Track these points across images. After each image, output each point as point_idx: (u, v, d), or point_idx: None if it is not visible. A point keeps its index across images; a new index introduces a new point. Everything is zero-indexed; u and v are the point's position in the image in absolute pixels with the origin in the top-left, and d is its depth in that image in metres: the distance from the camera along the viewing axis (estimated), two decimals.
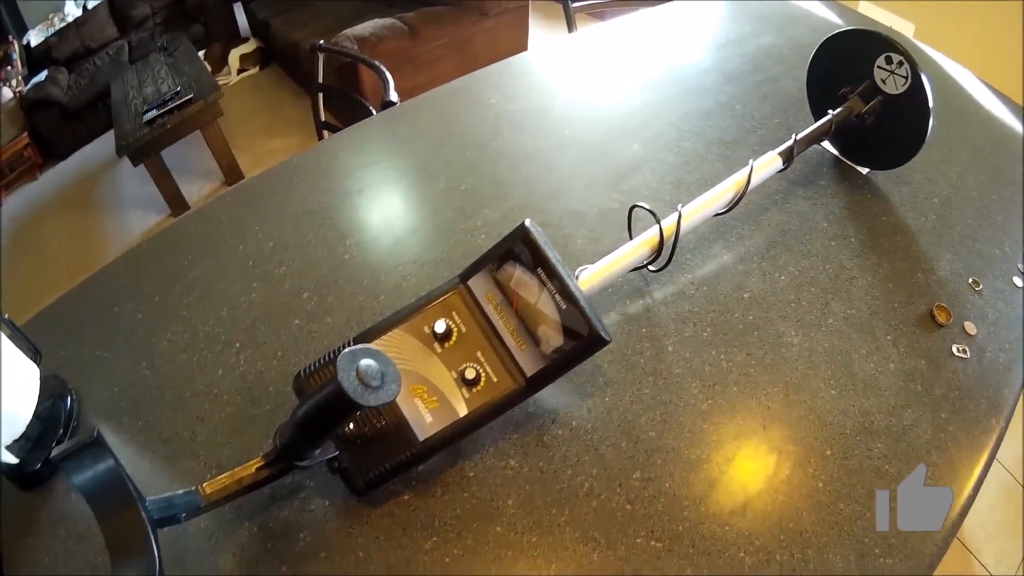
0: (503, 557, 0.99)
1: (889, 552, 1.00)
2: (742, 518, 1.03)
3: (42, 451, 1.14)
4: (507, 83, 1.98)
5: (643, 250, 1.23)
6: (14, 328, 1.20)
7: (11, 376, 1.13)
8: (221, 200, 1.59)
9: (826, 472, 1.08)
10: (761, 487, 1.07)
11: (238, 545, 1.02)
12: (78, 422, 1.20)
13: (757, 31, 2.12)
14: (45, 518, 1.09)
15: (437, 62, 5.06)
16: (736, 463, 1.10)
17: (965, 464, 1.11)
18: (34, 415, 1.15)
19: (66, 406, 1.21)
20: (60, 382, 1.24)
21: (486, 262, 1.08)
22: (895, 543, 1.01)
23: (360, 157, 1.70)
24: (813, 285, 1.35)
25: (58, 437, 1.17)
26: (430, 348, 1.05)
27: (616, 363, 1.21)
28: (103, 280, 1.44)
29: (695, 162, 1.61)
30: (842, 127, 1.52)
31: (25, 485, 1.13)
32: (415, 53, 4.93)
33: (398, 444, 1.00)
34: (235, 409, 1.19)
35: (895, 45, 1.41)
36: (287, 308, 1.33)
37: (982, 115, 1.89)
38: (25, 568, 1.04)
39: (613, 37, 2.21)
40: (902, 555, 1.00)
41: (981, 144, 1.75)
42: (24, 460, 1.12)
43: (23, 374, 1.16)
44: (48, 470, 1.14)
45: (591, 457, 1.09)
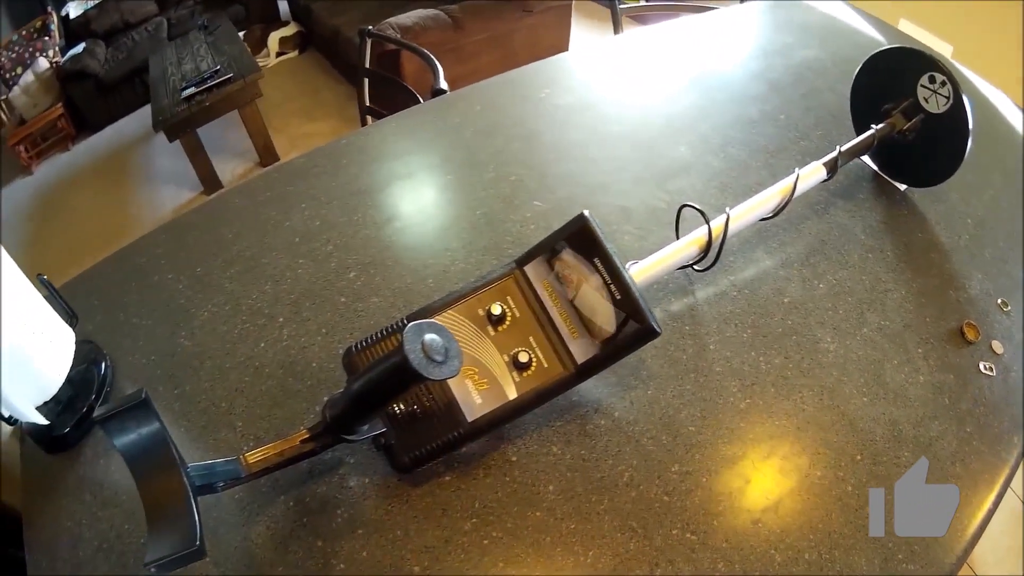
0: (542, 542, 1.00)
1: (912, 558, 1.02)
2: (774, 515, 1.05)
3: (72, 415, 1.15)
4: (558, 78, 2.00)
5: (691, 249, 1.24)
6: (51, 289, 1.22)
7: (44, 337, 1.15)
8: (267, 176, 1.60)
9: (855, 476, 1.09)
10: (793, 486, 1.08)
11: (272, 519, 1.03)
12: (111, 388, 1.22)
13: (801, 43, 2.13)
14: (71, 482, 1.10)
15: (478, 55, 5.06)
16: (770, 462, 1.11)
17: (986, 478, 1.13)
18: (66, 379, 1.17)
19: (100, 372, 1.22)
20: (95, 347, 1.26)
21: (543, 249, 1.10)
22: (918, 550, 1.03)
23: (409, 142, 1.71)
24: (850, 295, 1.36)
25: (89, 403, 1.18)
26: (483, 331, 1.07)
27: (659, 358, 1.23)
28: (143, 248, 1.46)
29: (740, 168, 1.62)
30: (883, 143, 1.52)
31: (52, 448, 1.15)
32: (457, 45, 4.93)
33: (446, 424, 1.01)
34: (276, 383, 1.20)
35: (940, 65, 1.42)
36: (333, 286, 1.34)
37: (1016, 139, 1.89)
38: (46, 531, 1.06)
39: (659, 40, 2.22)
40: (923, 562, 1.02)
41: (1014, 168, 1.76)
42: (53, 423, 1.14)
43: (57, 336, 1.18)
44: (77, 434, 1.15)
45: (632, 448, 1.10)
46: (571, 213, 1.10)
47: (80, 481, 1.10)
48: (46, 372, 1.13)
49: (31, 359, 1.10)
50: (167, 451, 0.87)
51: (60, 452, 1.15)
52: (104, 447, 1.14)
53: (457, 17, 4.91)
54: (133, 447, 0.86)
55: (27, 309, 1.13)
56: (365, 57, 2.74)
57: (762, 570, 0.99)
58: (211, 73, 5.20)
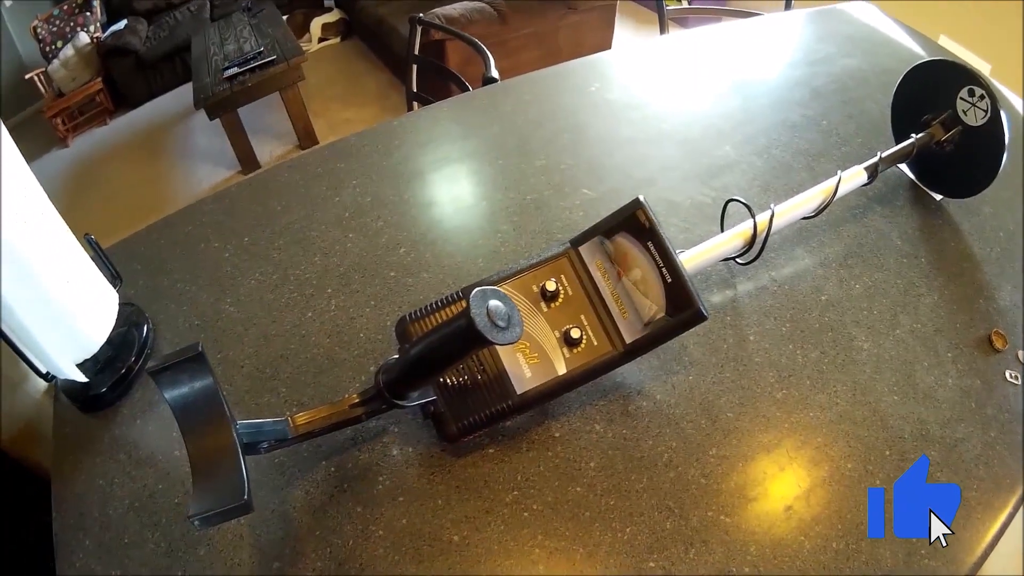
0: (581, 516, 1.03)
1: (934, 555, 1.04)
2: (805, 503, 1.07)
3: (110, 375, 1.18)
4: (607, 74, 2.03)
5: (736, 241, 1.27)
6: (98, 249, 1.25)
7: (88, 296, 1.18)
8: (317, 153, 1.63)
9: (884, 471, 1.12)
10: (825, 476, 1.11)
11: (312, 483, 1.07)
12: (152, 350, 1.25)
13: (844, 52, 2.15)
14: (105, 441, 1.13)
15: (521, 50, 5.10)
16: (804, 451, 1.14)
17: (1008, 483, 1.14)
18: (107, 339, 1.20)
19: (142, 334, 1.25)
20: (137, 310, 1.29)
21: (598, 231, 1.13)
22: (940, 548, 1.05)
23: (461, 128, 1.75)
24: (885, 297, 1.38)
25: (128, 364, 1.21)
26: (536, 307, 1.10)
27: (701, 346, 1.26)
28: (190, 217, 1.49)
29: (782, 169, 1.65)
30: (922, 152, 1.54)
31: (87, 407, 1.18)
32: (501, 39, 4.95)
33: (496, 395, 1.04)
34: (322, 351, 1.23)
35: (979, 79, 1.44)
36: (383, 260, 1.37)
37: None
38: (76, 488, 1.09)
39: (704, 44, 2.25)
40: (945, 559, 1.04)
41: None
42: (91, 381, 1.17)
43: (101, 296, 1.21)
44: (114, 395, 1.18)
45: (671, 430, 1.13)
46: (619, 203, 1.13)
47: (114, 440, 1.13)
48: (87, 331, 1.16)
49: (74, 316, 1.14)
50: (219, 406, 0.89)
51: (96, 411, 1.18)
52: (141, 408, 1.18)
53: (503, 11, 4.95)
54: (184, 400, 0.88)
55: (72, 267, 1.15)
56: (415, 43, 2.77)
57: (792, 555, 1.02)
58: (255, 54, 5.23)
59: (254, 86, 5.03)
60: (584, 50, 2.28)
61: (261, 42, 5.52)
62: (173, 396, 0.88)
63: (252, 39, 5.64)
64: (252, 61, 5.12)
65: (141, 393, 1.20)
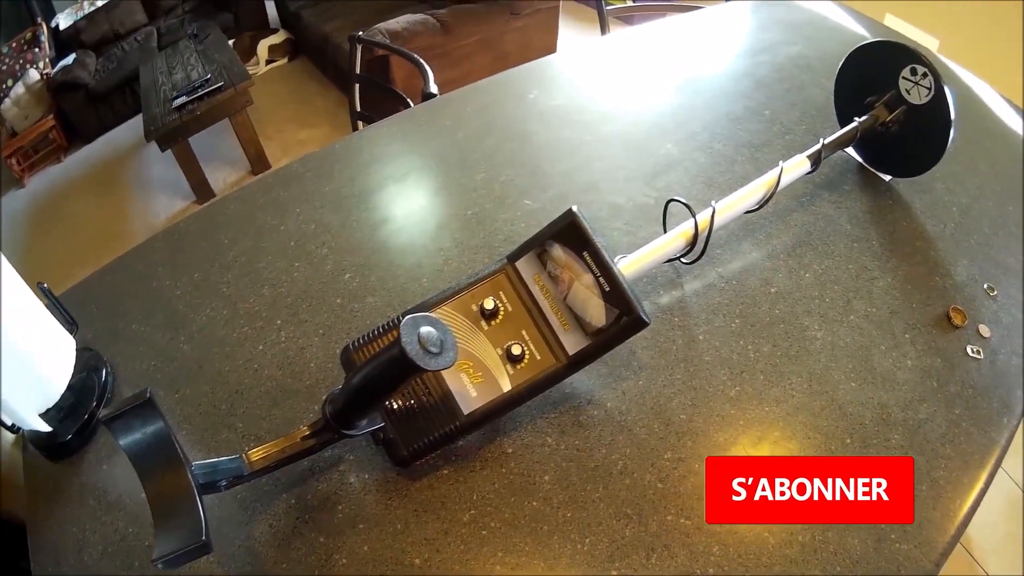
0: (539, 531, 1.03)
1: (904, 538, 1.04)
2: None
3: (74, 421, 1.17)
4: (546, 79, 2.02)
5: (678, 242, 1.27)
6: (51, 297, 1.24)
7: (46, 345, 1.16)
8: (262, 182, 1.62)
9: None
10: None
11: (274, 516, 1.06)
12: (112, 394, 1.24)
13: (787, 40, 2.15)
14: (74, 488, 1.12)
15: (468, 59, 5.08)
16: (761, 447, 1.13)
17: (976, 459, 1.15)
18: (67, 386, 1.19)
19: (101, 378, 1.24)
20: (95, 354, 1.27)
21: (534, 244, 1.12)
22: (910, 530, 1.05)
23: (401, 146, 1.73)
24: (836, 283, 1.38)
25: (90, 409, 1.19)
26: (477, 325, 1.09)
27: (650, 349, 1.25)
28: (141, 256, 1.48)
29: (726, 163, 1.65)
30: (867, 135, 1.55)
31: (55, 455, 1.16)
32: (446, 49, 4.95)
33: (443, 417, 1.03)
34: (275, 383, 1.22)
35: (921, 57, 1.44)
36: (329, 287, 1.36)
37: (1002, 130, 1.92)
38: (51, 536, 1.08)
39: (646, 40, 2.24)
40: (917, 542, 1.04)
41: (1000, 158, 1.78)
42: (56, 430, 1.15)
43: (58, 344, 1.20)
44: (79, 441, 1.17)
45: (624, 437, 1.13)
46: (561, 211, 1.12)
47: (83, 487, 1.12)
48: (48, 380, 1.15)
49: (33, 367, 1.12)
50: (172, 449, 0.89)
51: (63, 459, 1.17)
52: (106, 452, 1.16)
53: (446, 21, 4.94)
54: (138, 446, 0.88)
55: (28, 317, 1.14)
56: (356, 63, 2.75)
57: (756, 552, 1.01)
58: (202, 82, 5.19)
59: (203, 114, 5.00)
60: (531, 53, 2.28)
61: (208, 69, 5.47)
62: (127, 443, 0.88)
63: (199, 66, 5.61)
64: (200, 89, 5.08)
65: (105, 438, 1.19)
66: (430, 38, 4.86)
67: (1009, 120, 1.94)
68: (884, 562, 1.02)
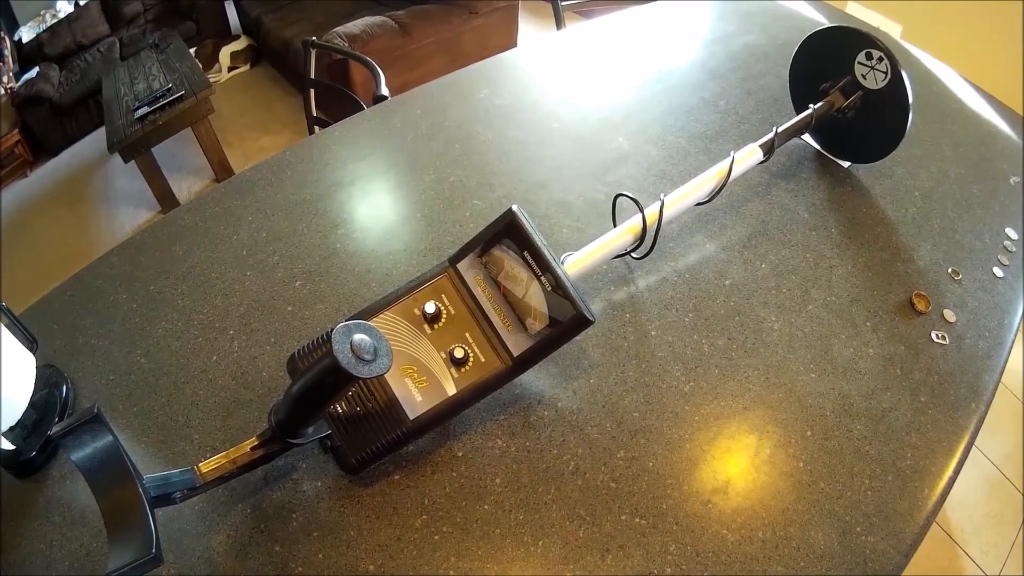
0: (491, 534, 1.01)
1: (871, 530, 1.03)
2: (724, 496, 1.06)
3: (38, 439, 1.16)
4: (497, 78, 2.01)
5: (626, 237, 1.25)
6: (11, 316, 1.22)
7: (8, 364, 1.15)
8: (215, 192, 1.60)
9: (807, 452, 1.11)
10: (743, 466, 1.10)
11: (232, 526, 1.04)
12: (74, 410, 1.22)
13: (743, 29, 2.15)
14: (40, 504, 1.11)
15: (428, 59, 5.09)
16: (718, 443, 1.12)
17: (944, 446, 1.14)
18: (30, 403, 1.17)
19: (62, 394, 1.22)
20: (56, 371, 1.26)
21: (474, 246, 1.11)
22: (876, 522, 1.04)
23: (352, 150, 1.72)
24: (794, 273, 1.38)
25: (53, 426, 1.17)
26: (420, 330, 1.08)
27: (600, 347, 1.24)
28: (98, 270, 1.46)
29: (679, 155, 1.64)
30: (823, 122, 1.55)
31: (20, 472, 1.15)
32: (406, 51, 4.96)
33: (389, 423, 1.02)
34: (229, 393, 1.21)
35: (875, 41, 1.44)
36: (280, 295, 1.35)
37: (965, 112, 1.92)
38: (20, 553, 1.06)
39: (601, 34, 2.23)
40: (883, 533, 1.03)
41: (963, 140, 1.78)
42: (20, 447, 1.14)
43: (20, 362, 1.18)
44: (43, 457, 1.16)
45: (576, 437, 1.12)
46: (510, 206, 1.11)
47: (48, 503, 1.11)
48: (10, 398, 1.14)
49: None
50: (122, 463, 0.88)
51: (28, 476, 1.15)
52: (69, 468, 1.15)
53: (404, 23, 4.94)
54: (90, 461, 0.87)
55: None
56: (310, 68, 2.74)
57: (715, 550, 1.00)
58: (163, 92, 5.15)
59: (165, 124, 4.96)
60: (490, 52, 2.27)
61: (169, 78, 5.43)
62: (79, 458, 0.87)
63: (161, 76, 5.57)
64: (161, 99, 5.04)
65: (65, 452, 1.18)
66: (389, 40, 4.86)
67: (971, 102, 1.95)
68: (850, 555, 1.01)
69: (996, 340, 1.32)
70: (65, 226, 5.47)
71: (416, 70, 4.96)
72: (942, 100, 1.96)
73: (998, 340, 1.32)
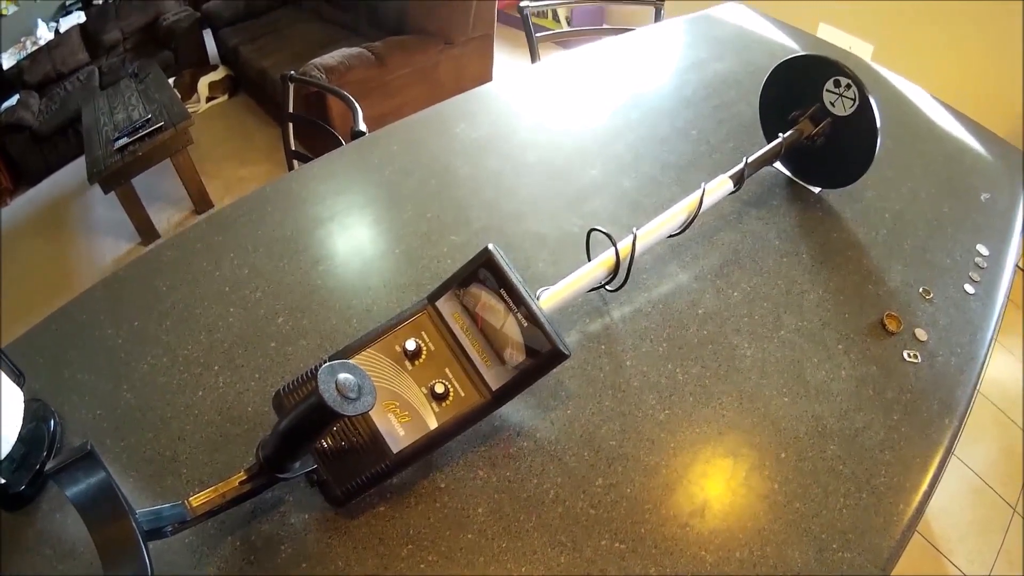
0: (475, 562, 1.03)
1: (847, 547, 1.05)
2: (701, 519, 1.08)
3: (27, 472, 1.16)
4: (473, 111, 2.02)
5: (600, 271, 1.27)
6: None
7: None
8: (197, 227, 1.61)
9: (781, 474, 1.13)
10: (719, 490, 1.12)
11: (222, 559, 1.05)
12: (61, 444, 1.22)
13: (714, 56, 2.17)
14: (30, 538, 1.11)
15: (404, 90, 5.12)
16: (694, 468, 1.15)
17: (919, 462, 1.16)
18: (18, 437, 1.18)
19: (49, 428, 1.23)
20: (43, 405, 1.26)
21: (452, 284, 1.14)
22: (852, 538, 1.06)
23: (330, 185, 1.73)
24: (765, 300, 1.40)
25: (41, 459, 1.19)
26: (401, 366, 1.10)
27: (577, 378, 1.26)
28: (83, 305, 1.47)
29: (651, 185, 1.66)
30: (793, 149, 1.57)
31: (10, 506, 1.15)
32: (383, 81, 4.98)
33: (373, 456, 1.04)
34: (215, 429, 1.22)
35: (842, 68, 1.47)
36: (263, 332, 1.37)
37: (935, 131, 1.95)
38: None
39: (576, 65, 2.26)
40: (860, 550, 1.05)
41: (933, 158, 1.82)
42: (9, 481, 1.15)
43: (7, 396, 1.19)
44: (33, 491, 1.16)
45: (555, 466, 1.14)
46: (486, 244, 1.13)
47: (38, 536, 1.11)
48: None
49: None
50: (115, 499, 0.89)
51: (18, 509, 1.16)
52: (59, 501, 1.15)
53: (381, 53, 4.97)
54: (84, 497, 0.88)
55: None
56: (288, 102, 2.75)
57: (694, 571, 1.02)
58: (142, 122, 5.15)
59: (144, 155, 4.96)
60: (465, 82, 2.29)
61: (148, 108, 5.43)
62: (73, 494, 0.88)
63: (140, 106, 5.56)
64: (140, 129, 5.05)
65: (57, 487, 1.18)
66: (366, 71, 4.90)
67: (941, 120, 1.98)
68: (827, 572, 1.03)
69: (968, 355, 1.35)
70: (46, 256, 5.45)
71: (393, 100, 5.00)
72: (912, 120, 1.99)
73: (970, 355, 1.35)
